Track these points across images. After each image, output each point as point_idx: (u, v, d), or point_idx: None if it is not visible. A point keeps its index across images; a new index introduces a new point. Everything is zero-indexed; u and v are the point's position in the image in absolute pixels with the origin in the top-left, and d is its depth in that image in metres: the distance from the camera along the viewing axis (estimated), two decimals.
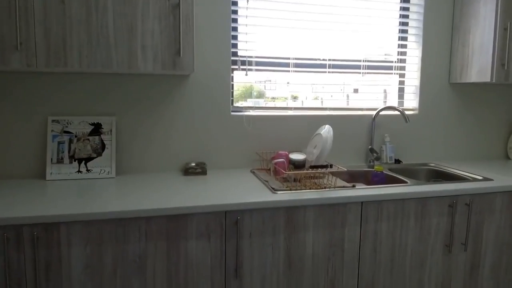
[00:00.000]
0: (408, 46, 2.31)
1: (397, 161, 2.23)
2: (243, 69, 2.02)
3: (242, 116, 2.01)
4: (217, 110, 1.98)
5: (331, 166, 1.66)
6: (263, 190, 1.59)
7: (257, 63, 2.06)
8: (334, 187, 1.64)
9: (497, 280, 1.84)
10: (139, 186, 1.64)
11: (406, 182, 1.81)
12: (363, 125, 2.21)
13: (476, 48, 2.12)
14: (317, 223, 1.55)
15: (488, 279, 1.82)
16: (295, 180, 1.71)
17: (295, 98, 2.19)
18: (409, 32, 2.29)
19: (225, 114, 1.99)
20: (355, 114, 2.19)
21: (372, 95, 2.31)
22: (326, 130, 1.87)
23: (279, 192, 1.56)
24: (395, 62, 2.31)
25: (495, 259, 1.82)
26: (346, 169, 1.66)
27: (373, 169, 1.99)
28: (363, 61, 2.23)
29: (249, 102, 2.11)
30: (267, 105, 2.13)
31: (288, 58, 2.11)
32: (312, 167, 1.73)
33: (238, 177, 1.83)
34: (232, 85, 2.05)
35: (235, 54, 2.02)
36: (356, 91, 2.28)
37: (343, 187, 1.65)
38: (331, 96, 2.26)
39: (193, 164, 1.90)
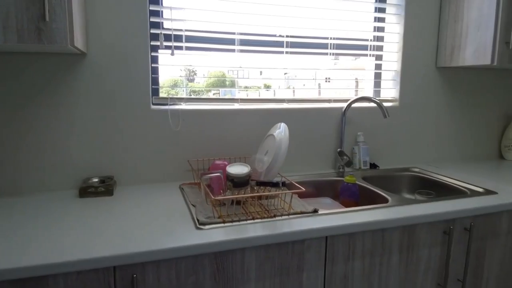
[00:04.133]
0: (386, 20, 1.83)
1: (373, 166, 1.77)
2: (167, 47, 1.47)
3: (167, 111, 1.47)
4: (130, 104, 1.43)
5: (283, 184, 1.17)
6: (184, 223, 1.08)
7: (189, 39, 1.52)
8: (288, 215, 1.15)
9: None
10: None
11: (387, 200, 1.35)
12: (331, 121, 1.73)
13: (472, 22, 1.67)
14: (262, 271, 1.06)
15: None
16: (234, 203, 1.21)
17: (267, 87, 1.69)
18: (387, 1, 1.81)
19: (143, 109, 1.45)
20: (321, 107, 1.70)
21: (343, 83, 1.82)
22: (280, 130, 1.37)
23: (205, 227, 1.05)
24: (371, 40, 1.83)
25: None
26: (304, 189, 1.17)
27: (343, 180, 1.52)
28: (331, 38, 1.74)
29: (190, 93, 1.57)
30: (202, 96, 1.60)
31: (233, 33, 1.58)
32: (260, 183, 1.23)
33: (157, 198, 1.31)
34: (155, 68, 1.50)
35: (155, 25, 1.47)
36: (327, 79, 1.79)
37: (301, 213, 1.16)
38: (304, 85, 1.76)
39: (95, 180, 1.36)
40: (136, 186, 1.46)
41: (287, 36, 1.66)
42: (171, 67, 1.52)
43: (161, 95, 1.52)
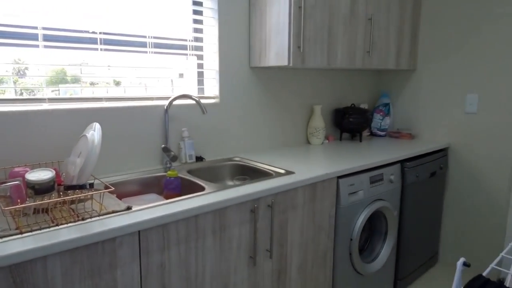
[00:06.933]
0: (204, 23, 1.97)
1: (199, 159, 1.89)
2: None
3: None
4: None
5: (91, 185, 1.16)
6: None
7: None
8: (99, 215, 1.15)
9: (304, 279, 1.73)
10: None
11: (204, 189, 1.47)
12: (155, 119, 1.77)
13: (273, 29, 1.93)
14: (69, 276, 1.03)
15: (295, 280, 1.69)
16: (38, 212, 1.13)
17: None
18: (204, 5, 1.94)
19: None
20: (143, 105, 1.73)
21: (165, 81, 1.88)
22: (93, 131, 1.34)
23: None
24: (190, 41, 1.93)
25: (301, 258, 1.70)
26: (113, 188, 1.18)
27: (166, 175, 1.59)
28: (149, 37, 1.77)
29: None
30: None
31: (35, 28, 1.46)
32: (67, 187, 1.19)
33: None
34: None
35: None
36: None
37: (113, 212, 1.17)
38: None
39: None
40: None
41: (100, 33, 1.62)
42: None
43: None
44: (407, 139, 2.66)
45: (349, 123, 2.51)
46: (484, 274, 1.00)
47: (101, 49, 1.63)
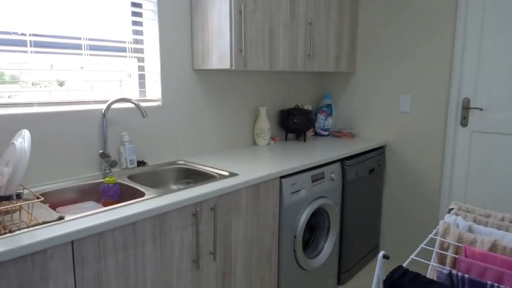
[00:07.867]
0: (144, 25, 1.94)
1: (141, 164, 1.86)
2: None
3: None
4: None
5: (18, 195, 1.10)
6: None
7: None
8: (28, 227, 1.10)
9: (249, 279, 1.77)
10: None
11: (144, 194, 1.45)
12: (92, 123, 1.71)
13: (215, 32, 1.95)
14: None
15: (241, 280, 1.72)
16: None
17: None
18: (143, 6, 1.91)
19: None
20: (79, 110, 1.66)
21: (104, 84, 1.82)
22: (22, 138, 1.28)
23: None
24: (129, 43, 1.89)
25: (246, 258, 1.73)
26: (42, 198, 1.14)
27: (104, 181, 1.54)
28: (85, 39, 1.71)
29: None
30: None
31: None
32: None
33: None
34: None
35: None
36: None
37: (43, 223, 1.13)
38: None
39: None
40: None
41: (30, 35, 1.54)
42: None
43: None
44: (348, 138, 2.79)
45: (294, 124, 2.59)
46: (404, 265, 1.09)
47: (31, 52, 1.55)
